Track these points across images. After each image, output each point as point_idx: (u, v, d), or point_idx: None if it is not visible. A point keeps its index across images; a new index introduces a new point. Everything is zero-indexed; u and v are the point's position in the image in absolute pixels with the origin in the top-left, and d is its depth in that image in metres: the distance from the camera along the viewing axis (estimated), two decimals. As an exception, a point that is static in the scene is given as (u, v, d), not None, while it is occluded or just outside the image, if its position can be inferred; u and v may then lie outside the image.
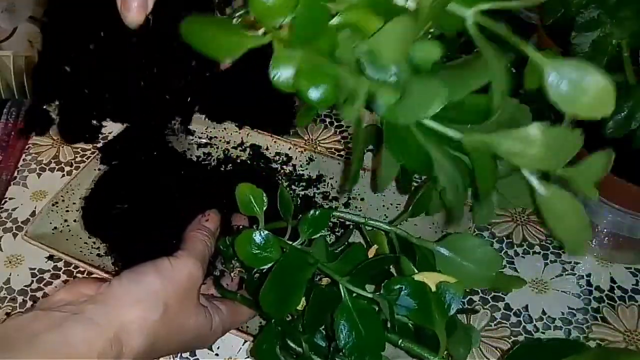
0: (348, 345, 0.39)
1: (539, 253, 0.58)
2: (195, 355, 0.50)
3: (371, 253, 0.46)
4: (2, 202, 0.62)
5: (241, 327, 0.48)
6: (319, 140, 0.69)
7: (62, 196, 0.57)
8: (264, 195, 0.45)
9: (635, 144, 0.51)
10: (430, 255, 0.43)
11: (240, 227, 0.48)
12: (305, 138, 0.69)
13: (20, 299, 0.54)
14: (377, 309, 0.41)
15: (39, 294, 0.54)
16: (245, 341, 0.50)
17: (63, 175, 0.65)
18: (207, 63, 0.46)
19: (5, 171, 0.65)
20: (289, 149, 0.64)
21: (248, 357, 0.50)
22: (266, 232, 0.43)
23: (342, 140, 0.69)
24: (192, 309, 0.41)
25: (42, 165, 0.66)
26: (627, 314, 0.53)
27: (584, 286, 0.55)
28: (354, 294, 0.40)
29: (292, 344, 0.43)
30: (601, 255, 0.57)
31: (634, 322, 0.53)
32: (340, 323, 0.39)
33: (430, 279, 0.40)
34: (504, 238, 0.59)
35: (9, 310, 0.53)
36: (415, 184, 0.54)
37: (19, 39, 1.03)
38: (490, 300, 0.54)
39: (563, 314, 0.53)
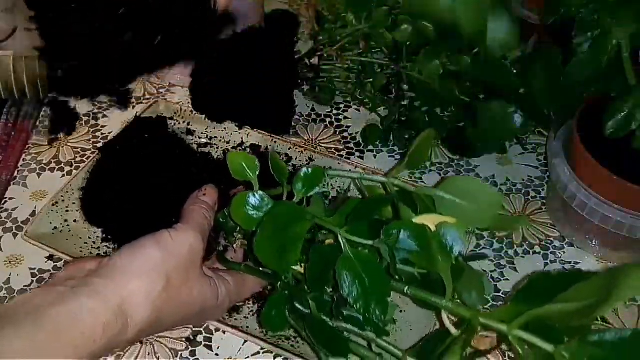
0: (352, 295, 0.39)
1: (539, 253, 0.58)
2: (196, 355, 0.50)
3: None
4: (2, 202, 0.62)
5: (241, 327, 0.48)
6: (319, 140, 0.69)
7: (62, 196, 0.57)
8: (256, 160, 0.45)
9: (635, 144, 0.51)
10: (430, 202, 0.42)
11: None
12: (305, 138, 0.69)
13: (20, 299, 0.54)
14: (379, 258, 0.40)
15: (39, 294, 0.54)
16: (245, 341, 0.50)
17: (63, 175, 0.65)
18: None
19: (5, 171, 0.65)
20: (289, 149, 0.64)
21: (248, 357, 0.50)
22: (261, 192, 0.42)
23: (342, 140, 0.69)
24: (195, 280, 0.40)
25: (42, 165, 0.66)
26: (627, 314, 0.53)
27: (584, 286, 0.55)
28: (354, 245, 0.40)
29: (299, 307, 0.43)
30: (601, 255, 0.57)
31: (634, 322, 0.53)
32: (342, 274, 0.39)
33: (429, 221, 0.40)
34: (504, 238, 0.59)
35: (9, 310, 0.53)
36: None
37: (19, 39, 1.03)
38: (491, 300, 0.54)
39: (563, 314, 0.53)
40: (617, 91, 0.52)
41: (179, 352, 0.50)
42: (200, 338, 0.51)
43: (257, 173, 0.45)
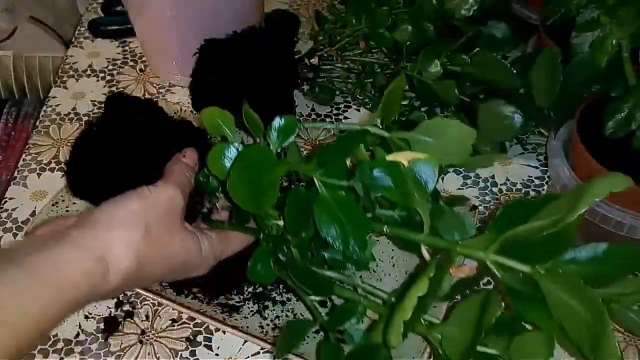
0: (331, 234, 0.39)
1: (539, 253, 0.58)
2: (196, 355, 0.50)
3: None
4: (2, 202, 0.62)
5: (241, 327, 0.48)
6: (319, 141, 0.69)
7: (62, 196, 0.57)
8: (231, 115, 0.46)
9: (635, 144, 0.51)
10: (406, 145, 0.43)
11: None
12: (305, 138, 0.69)
13: (20, 299, 0.54)
14: (357, 200, 0.41)
15: (39, 294, 0.54)
16: (245, 341, 0.50)
17: (63, 175, 0.65)
18: None
19: (5, 171, 0.65)
20: (289, 149, 0.64)
21: (248, 357, 0.50)
22: (237, 144, 0.43)
23: (342, 140, 0.69)
24: (176, 231, 0.41)
25: (42, 165, 0.66)
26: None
27: (584, 286, 0.55)
28: (330, 187, 0.40)
29: (283, 258, 0.44)
30: (601, 255, 0.57)
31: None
32: (320, 216, 0.40)
33: (402, 158, 0.40)
34: (504, 238, 0.59)
35: (9, 310, 0.53)
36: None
37: (19, 39, 1.04)
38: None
39: (563, 314, 0.53)
40: (617, 91, 0.52)
41: (179, 352, 0.50)
42: (200, 338, 0.51)
43: (233, 127, 0.46)
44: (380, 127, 0.44)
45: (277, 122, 0.44)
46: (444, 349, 0.38)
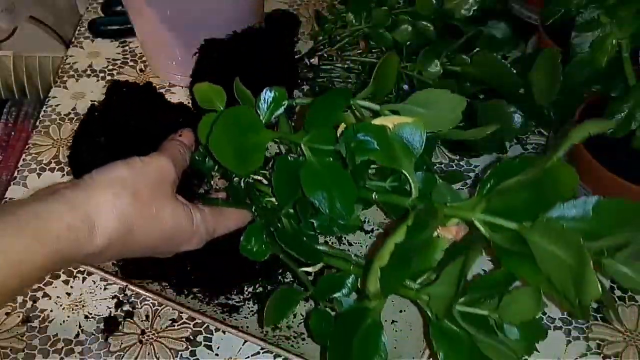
0: (317, 198, 0.40)
1: (539, 253, 0.58)
2: (196, 355, 0.50)
3: (340, 129, 0.45)
4: (2, 202, 0.62)
5: (241, 327, 0.48)
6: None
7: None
8: (222, 90, 0.46)
9: (635, 144, 0.51)
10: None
11: None
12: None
13: (20, 299, 0.54)
14: (344, 166, 0.41)
15: (39, 294, 0.54)
16: (245, 341, 0.50)
17: (63, 175, 0.65)
18: None
19: (5, 171, 0.65)
20: (289, 149, 0.64)
21: (248, 357, 0.50)
22: None
23: (342, 140, 0.69)
24: (166, 200, 0.41)
25: (42, 165, 0.66)
26: (627, 314, 0.53)
27: (584, 286, 0.55)
28: (317, 153, 0.41)
29: (275, 231, 0.44)
30: (601, 255, 0.57)
31: (634, 322, 0.53)
32: (306, 180, 0.40)
33: (388, 122, 0.40)
34: (504, 238, 0.59)
35: (9, 310, 0.53)
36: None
37: (19, 39, 1.04)
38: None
39: (563, 314, 0.53)
40: (617, 91, 0.52)
41: (179, 352, 0.50)
42: (200, 338, 0.51)
43: (224, 101, 0.46)
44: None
45: (267, 93, 0.44)
46: (431, 308, 0.38)
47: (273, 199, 0.45)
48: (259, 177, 0.47)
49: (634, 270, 0.33)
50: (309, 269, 0.46)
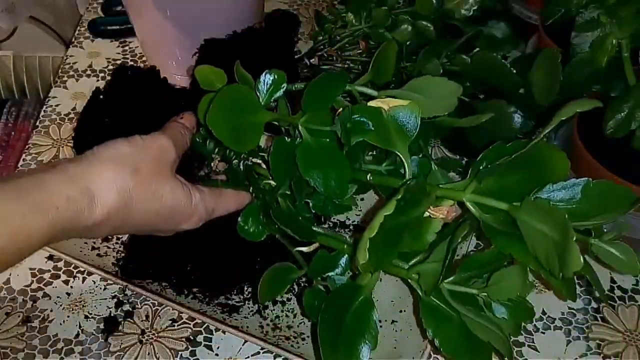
0: (312, 176, 0.40)
1: (539, 253, 0.58)
2: (196, 355, 0.50)
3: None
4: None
5: (241, 327, 0.48)
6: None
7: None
8: (223, 72, 0.47)
9: (635, 144, 0.51)
10: None
11: None
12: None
13: (20, 299, 0.54)
14: (340, 148, 0.42)
15: (39, 294, 0.54)
16: (245, 341, 0.50)
17: (63, 175, 0.65)
18: None
19: (5, 171, 0.65)
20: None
21: (248, 357, 0.50)
22: None
23: (342, 140, 0.69)
24: (166, 177, 0.41)
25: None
26: (627, 314, 0.53)
27: (584, 286, 0.55)
28: (314, 133, 0.41)
29: (272, 212, 0.44)
30: (601, 255, 0.57)
31: (634, 322, 0.53)
32: (302, 160, 0.41)
33: (383, 104, 0.41)
34: (504, 238, 0.59)
35: (9, 310, 0.53)
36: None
37: (19, 39, 1.04)
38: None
39: (563, 314, 0.53)
40: (617, 91, 0.52)
41: (179, 352, 0.50)
42: (200, 338, 0.51)
43: (225, 83, 0.46)
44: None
45: (266, 76, 0.45)
46: (420, 285, 0.39)
47: (271, 182, 0.45)
48: (258, 161, 0.48)
49: (619, 250, 0.34)
50: (304, 249, 0.46)
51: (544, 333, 0.52)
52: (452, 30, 0.61)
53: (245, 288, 0.53)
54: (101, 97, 0.55)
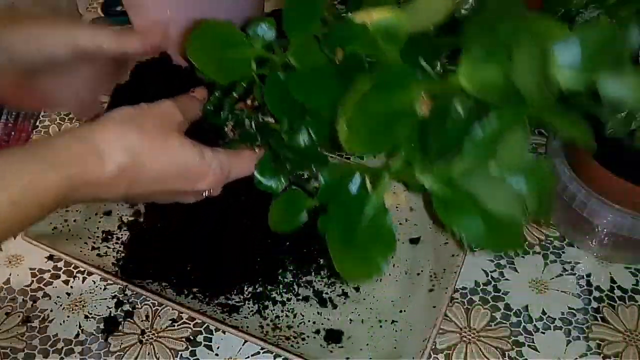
0: (305, 96, 0.40)
1: (539, 253, 0.58)
2: (196, 355, 0.50)
3: (339, 54, 0.44)
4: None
5: (241, 327, 0.48)
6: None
7: (62, 196, 0.57)
8: None
9: (635, 144, 0.51)
10: None
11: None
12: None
13: (20, 299, 0.54)
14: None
15: (39, 294, 0.54)
16: (245, 341, 0.50)
17: (63, 175, 0.65)
18: None
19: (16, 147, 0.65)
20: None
21: (248, 357, 0.50)
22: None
23: (342, 140, 0.69)
24: (173, 133, 0.42)
25: (42, 165, 0.66)
26: (627, 314, 0.53)
27: (584, 286, 0.55)
28: (303, 61, 0.41)
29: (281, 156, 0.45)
30: (601, 255, 0.57)
31: (634, 322, 0.53)
32: (295, 86, 0.40)
33: (368, 16, 0.40)
34: (504, 238, 0.59)
35: (9, 310, 0.53)
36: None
37: (18, 39, 1.03)
38: (491, 300, 0.54)
39: (563, 314, 0.53)
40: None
41: (179, 352, 0.50)
42: (200, 338, 0.51)
43: None
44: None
45: (257, 21, 0.45)
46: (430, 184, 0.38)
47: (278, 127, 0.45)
48: (269, 119, 0.47)
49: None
50: (316, 184, 0.45)
51: (544, 333, 0.52)
52: (452, 29, 0.61)
53: (245, 288, 0.53)
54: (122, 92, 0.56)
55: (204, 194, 0.45)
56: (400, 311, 0.52)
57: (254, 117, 0.48)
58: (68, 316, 0.52)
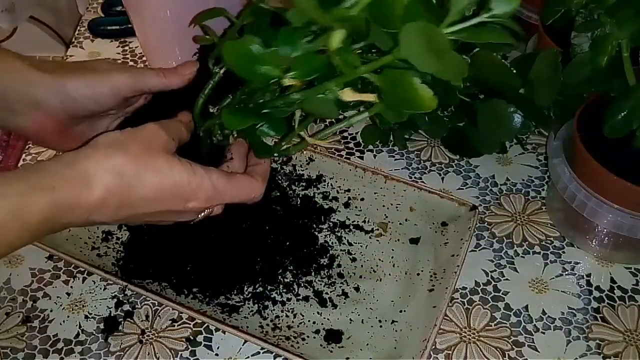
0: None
1: (539, 253, 0.58)
2: (196, 355, 0.50)
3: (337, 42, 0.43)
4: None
5: (241, 327, 0.48)
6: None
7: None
8: None
9: (635, 144, 0.51)
10: None
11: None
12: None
13: (20, 299, 0.54)
14: None
15: (39, 294, 0.54)
16: (245, 341, 0.50)
17: (63, 175, 0.65)
18: None
19: (5, 171, 0.65)
20: (289, 149, 0.64)
21: (248, 357, 0.50)
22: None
23: (342, 140, 0.69)
24: (159, 152, 0.42)
25: (42, 165, 0.66)
26: (627, 314, 0.53)
27: (584, 286, 0.55)
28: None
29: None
30: (601, 255, 0.57)
31: (634, 322, 0.53)
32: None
33: None
34: (504, 238, 0.59)
35: (9, 310, 0.53)
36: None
37: (19, 39, 1.04)
38: (491, 300, 0.54)
39: (563, 314, 0.53)
40: (617, 91, 0.52)
41: (179, 352, 0.50)
42: (200, 338, 0.51)
43: None
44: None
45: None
46: None
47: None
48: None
49: None
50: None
51: (544, 333, 0.52)
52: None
53: (245, 288, 0.53)
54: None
55: (202, 214, 0.46)
56: (400, 311, 0.52)
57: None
58: (68, 316, 0.52)
